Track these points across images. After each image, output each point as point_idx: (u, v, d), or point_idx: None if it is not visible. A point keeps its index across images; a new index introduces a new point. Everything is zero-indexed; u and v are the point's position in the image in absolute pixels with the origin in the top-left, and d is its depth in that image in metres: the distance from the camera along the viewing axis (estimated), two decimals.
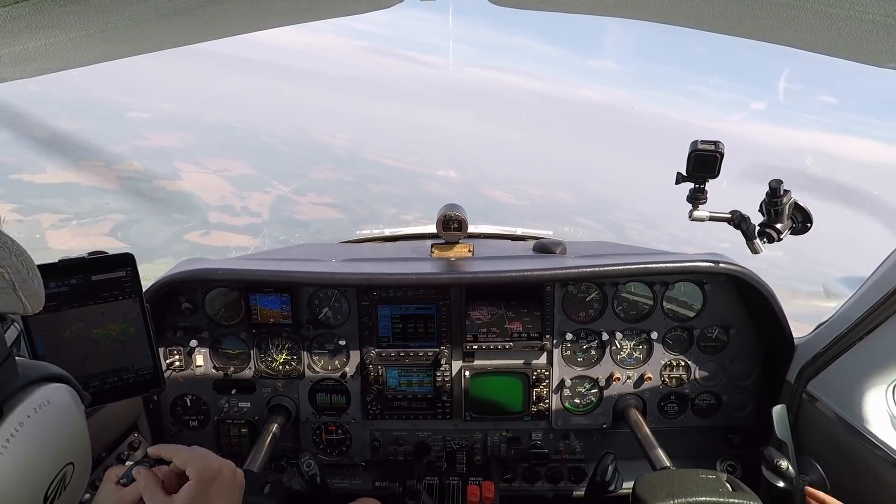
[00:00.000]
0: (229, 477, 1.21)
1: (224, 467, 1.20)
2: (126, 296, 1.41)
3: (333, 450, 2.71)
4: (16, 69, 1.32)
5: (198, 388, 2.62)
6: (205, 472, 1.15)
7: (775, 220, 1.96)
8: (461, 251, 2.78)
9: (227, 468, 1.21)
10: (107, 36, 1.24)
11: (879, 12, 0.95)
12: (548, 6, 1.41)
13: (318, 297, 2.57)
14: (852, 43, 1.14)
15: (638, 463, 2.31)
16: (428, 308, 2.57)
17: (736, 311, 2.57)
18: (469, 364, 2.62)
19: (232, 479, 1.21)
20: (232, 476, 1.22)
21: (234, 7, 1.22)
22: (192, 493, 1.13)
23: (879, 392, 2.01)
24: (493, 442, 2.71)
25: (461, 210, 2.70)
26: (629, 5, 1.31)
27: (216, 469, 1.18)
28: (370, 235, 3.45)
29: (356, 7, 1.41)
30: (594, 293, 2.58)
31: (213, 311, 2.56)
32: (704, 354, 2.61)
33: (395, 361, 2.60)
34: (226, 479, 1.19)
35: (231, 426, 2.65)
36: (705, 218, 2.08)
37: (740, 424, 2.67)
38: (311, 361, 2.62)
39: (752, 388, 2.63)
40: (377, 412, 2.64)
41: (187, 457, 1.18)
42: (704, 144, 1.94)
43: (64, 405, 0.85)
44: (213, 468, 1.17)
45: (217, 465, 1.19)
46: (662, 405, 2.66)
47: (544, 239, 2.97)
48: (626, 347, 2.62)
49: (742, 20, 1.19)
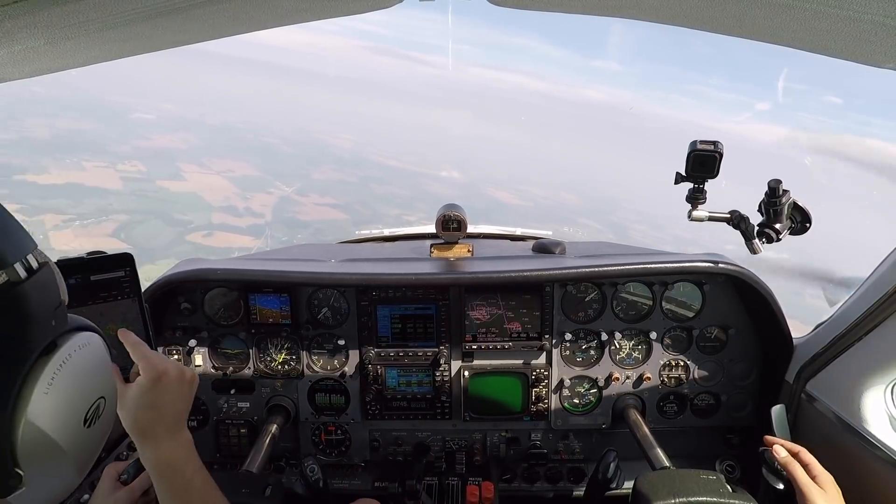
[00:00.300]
0: (175, 377, 1.33)
1: (170, 368, 1.32)
2: (125, 296, 1.41)
3: (333, 450, 2.71)
4: (14, 69, 1.32)
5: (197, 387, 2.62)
6: (150, 372, 1.28)
7: (774, 221, 1.96)
8: (460, 251, 2.78)
9: (174, 369, 1.33)
10: (105, 35, 1.23)
11: (879, 13, 0.96)
12: (547, 6, 1.41)
13: (318, 297, 2.57)
14: (852, 43, 1.14)
15: (637, 463, 2.31)
16: (427, 308, 2.57)
17: (735, 311, 2.57)
18: (468, 364, 2.62)
19: (178, 379, 1.34)
20: (178, 376, 1.34)
21: (232, 7, 1.22)
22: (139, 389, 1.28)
23: (878, 392, 2.01)
24: (492, 442, 2.71)
25: (460, 210, 2.70)
26: (628, 6, 1.31)
27: (161, 370, 1.29)
28: (369, 235, 3.45)
29: (355, 7, 1.41)
30: (593, 293, 2.58)
31: (213, 310, 2.56)
32: (703, 354, 2.62)
33: (394, 361, 2.60)
34: (171, 379, 1.31)
35: (230, 426, 2.65)
36: (704, 218, 2.09)
37: (739, 424, 2.67)
38: (310, 361, 2.62)
39: (751, 389, 2.64)
40: (376, 412, 2.64)
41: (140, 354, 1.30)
42: (703, 144, 1.94)
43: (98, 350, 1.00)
44: (157, 369, 1.29)
45: (162, 367, 1.30)
46: (661, 405, 2.66)
47: (543, 239, 2.97)
48: (625, 347, 2.62)
49: (741, 21, 1.19)
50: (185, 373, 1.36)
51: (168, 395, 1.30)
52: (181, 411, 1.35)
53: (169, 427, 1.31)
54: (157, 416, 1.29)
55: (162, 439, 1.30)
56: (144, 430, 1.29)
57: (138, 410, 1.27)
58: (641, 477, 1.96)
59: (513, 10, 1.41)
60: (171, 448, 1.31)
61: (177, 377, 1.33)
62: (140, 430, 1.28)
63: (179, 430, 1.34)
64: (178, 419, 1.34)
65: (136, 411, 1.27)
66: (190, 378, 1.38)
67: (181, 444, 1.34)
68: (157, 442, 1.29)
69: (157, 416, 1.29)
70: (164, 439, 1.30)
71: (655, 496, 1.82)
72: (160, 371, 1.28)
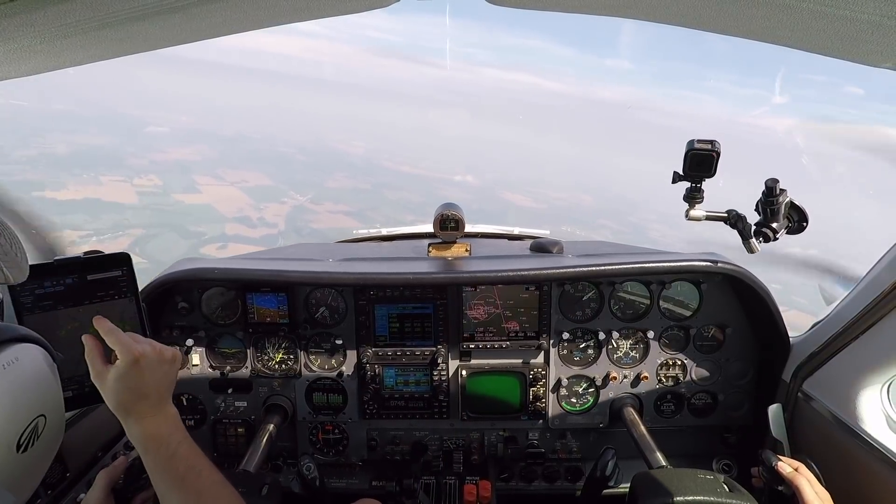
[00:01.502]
0: (154, 358, 1.34)
1: (147, 350, 1.33)
2: (122, 295, 1.40)
3: (330, 449, 2.71)
4: (11, 68, 1.32)
5: (194, 387, 2.61)
6: (127, 355, 1.28)
7: (771, 220, 1.96)
8: (458, 250, 2.78)
9: (151, 350, 1.34)
10: (102, 34, 1.23)
11: (876, 12, 0.96)
12: (545, 5, 1.41)
13: (315, 297, 2.57)
14: (848, 43, 1.14)
15: (634, 462, 2.32)
16: (425, 307, 2.56)
17: (732, 310, 2.58)
18: (466, 363, 2.62)
19: (158, 359, 1.35)
20: (157, 356, 1.35)
21: (229, 5, 1.22)
22: (120, 371, 1.28)
23: (874, 391, 2.02)
24: (489, 441, 2.72)
25: (458, 209, 2.70)
26: (625, 5, 1.31)
27: (138, 353, 1.30)
28: (367, 235, 3.45)
29: (352, 6, 1.41)
30: (591, 292, 2.58)
31: (210, 310, 2.56)
32: (701, 353, 2.62)
33: (392, 361, 2.60)
34: (150, 359, 1.32)
35: (228, 426, 2.64)
36: (702, 217, 2.09)
37: (736, 423, 2.68)
38: (307, 361, 2.62)
39: (748, 388, 2.64)
40: (374, 411, 2.64)
41: (114, 340, 1.30)
42: (701, 144, 1.94)
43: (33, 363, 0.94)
44: (134, 352, 1.29)
45: (139, 349, 1.31)
46: (659, 404, 2.67)
47: (541, 238, 2.98)
48: (622, 347, 2.62)
49: (738, 20, 1.19)
50: (165, 352, 1.38)
51: (148, 374, 1.32)
52: (163, 389, 1.37)
53: (152, 404, 1.34)
54: (139, 395, 1.31)
55: (145, 415, 1.32)
56: (128, 409, 1.31)
57: (120, 392, 1.30)
58: (638, 475, 1.97)
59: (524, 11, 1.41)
60: (154, 423, 1.34)
61: (156, 357, 1.34)
62: (124, 409, 1.31)
63: (163, 406, 1.37)
64: (161, 397, 1.36)
65: (118, 393, 1.30)
66: (171, 356, 1.40)
67: (165, 419, 1.36)
68: (141, 418, 1.32)
69: (139, 396, 1.31)
70: (147, 415, 1.32)
71: (652, 495, 1.83)
72: (137, 354, 1.30)
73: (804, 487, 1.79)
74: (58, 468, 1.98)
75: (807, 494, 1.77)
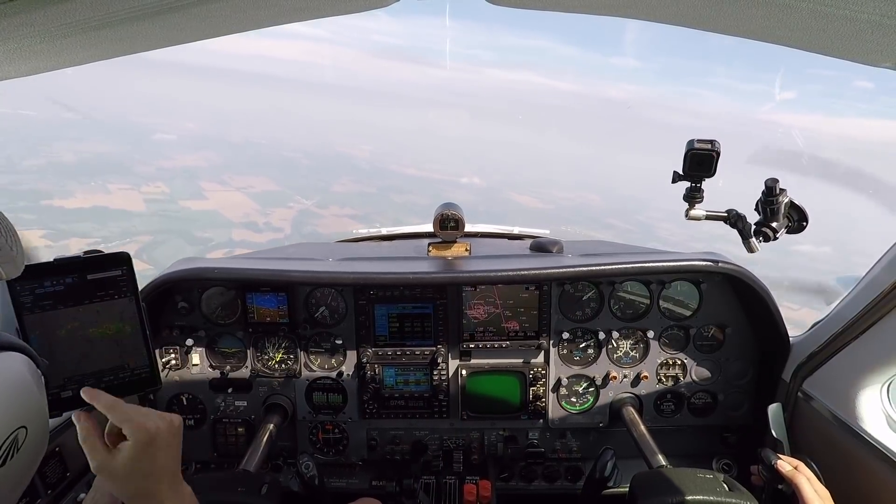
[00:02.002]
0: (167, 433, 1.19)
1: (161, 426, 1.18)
2: (122, 295, 1.40)
3: (330, 449, 2.71)
4: (10, 67, 1.32)
5: (194, 386, 2.62)
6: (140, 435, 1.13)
7: (771, 219, 1.96)
8: (458, 250, 2.78)
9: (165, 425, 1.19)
10: (102, 34, 1.23)
11: (876, 12, 0.96)
12: (545, 5, 1.41)
13: (315, 297, 2.57)
14: (848, 43, 1.14)
15: (634, 462, 2.32)
16: (425, 307, 2.56)
17: (732, 310, 2.58)
18: (466, 363, 2.62)
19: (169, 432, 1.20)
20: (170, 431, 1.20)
21: (229, 5, 1.22)
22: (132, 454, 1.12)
23: (874, 391, 2.02)
24: (489, 441, 2.72)
25: (458, 209, 2.70)
26: (625, 5, 1.31)
27: (153, 431, 1.15)
28: (367, 234, 3.44)
29: (352, 6, 1.41)
30: (591, 292, 2.58)
31: (210, 310, 2.56)
32: (701, 353, 2.62)
33: (391, 360, 2.60)
34: (164, 436, 1.17)
35: (227, 425, 2.65)
36: (701, 217, 2.09)
37: (736, 423, 2.68)
38: (307, 360, 2.62)
39: (748, 387, 2.64)
40: (374, 411, 2.64)
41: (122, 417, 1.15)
42: (701, 143, 1.94)
43: (14, 372, 0.88)
44: (149, 431, 1.15)
45: (153, 426, 1.16)
46: (659, 404, 2.67)
47: (541, 238, 2.97)
48: (622, 346, 2.62)
49: (737, 20, 1.19)
50: (174, 422, 1.24)
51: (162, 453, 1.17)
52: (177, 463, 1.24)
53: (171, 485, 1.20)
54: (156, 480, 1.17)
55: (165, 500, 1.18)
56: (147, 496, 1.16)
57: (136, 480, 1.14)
58: (638, 475, 1.97)
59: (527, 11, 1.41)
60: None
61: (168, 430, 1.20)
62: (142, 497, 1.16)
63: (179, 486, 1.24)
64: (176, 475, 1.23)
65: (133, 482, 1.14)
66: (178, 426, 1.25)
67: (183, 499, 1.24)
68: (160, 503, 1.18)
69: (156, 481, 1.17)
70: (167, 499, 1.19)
71: (652, 495, 1.83)
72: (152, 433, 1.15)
73: (804, 485, 1.78)
74: (58, 468, 1.98)
75: (806, 492, 1.76)
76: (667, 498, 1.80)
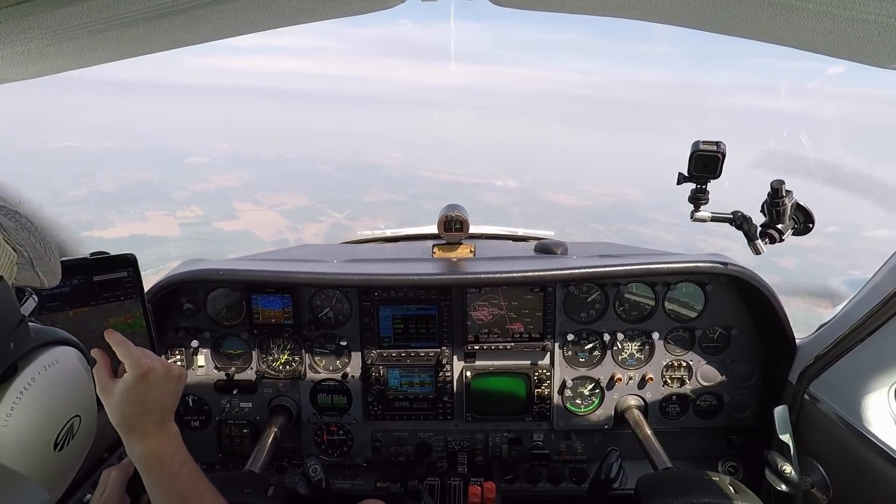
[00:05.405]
0: (161, 374, 1.32)
1: (156, 365, 1.32)
2: (128, 296, 1.41)
3: (335, 450, 2.71)
4: (18, 70, 1.33)
5: (199, 388, 2.62)
6: (136, 368, 1.28)
7: (777, 221, 1.95)
8: (463, 252, 2.78)
9: (160, 366, 1.33)
10: (109, 36, 1.24)
11: (882, 13, 0.95)
12: (549, 6, 1.41)
13: (320, 298, 2.57)
14: (854, 44, 1.13)
15: (639, 464, 2.31)
16: (429, 308, 2.56)
17: (737, 311, 2.57)
18: (470, 364, 2.62)
19: (165, 376, 1.33)
20: (165, 373, 1.34)
21: (234, 7, 1.23)
22: (127, 384, 1.27)
23: (881, 393, 2.00)
24: (494, 442, 2.71)
25: (462, 211, 2.70)
26: (630, 6, 1.31)
27: (147, 367, 1.29)
28: (372, 236, 3.45)
29: (357, 7, 1.41)
30: (595, 294, 2.58)
31: (215, 311, 2.57)
32: (706, 355, 2.61)
33: (396, 362, 2.60)
34: (158, 375, 1.31)
35: (232, 426, 2.65)
36: (707, 219, 2.08)
37: (742, 425, 2.67)
38: (312, 362, 2.62)
39: (754, 389, 2.63)
40: (378, 413, 2.64)
41: (125, 352, 1.30)
42: (706, 145, 1.93)
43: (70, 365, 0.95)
44: (144, 366, 1.29)
45: (148, 364, 1.30)
46: (664, 406, 2.66)
47: (546, 240, 2.97)
48: (627, 348, 2.62)
49: (744, 21, 1.19)
50: (172, 369, 1.37)
51: (154, 390, 1.30)
52: (168, 406, 1.36)
53: (156, 422, 1.32)
54: (143, 411, 1.30)
55: (149, 433, 1.31)
56: (132, 426, 1.30)
57: (125, 406, 1.28)
58: (643, 477, 1.96)
59: None
60: (157, 441, 1.32)
61: (163, 373, 1.33)
62: (127, 425, 1.30)
63: (166, 424, 1.35)
64: (165, 414, 1.35)
65: (123, 407, 1.28)
66: (177, 374, 1.38)
67: (168, 438, 1.35)
68: (144, 436, 1.31)
69: (143, 412, 1.30)
70: (150, 433, 1.31)
71: (658, 497, 1.82)
72: (146, 368, 1.29)
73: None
74: None
75: None
76: (672, 500, 1.79)
